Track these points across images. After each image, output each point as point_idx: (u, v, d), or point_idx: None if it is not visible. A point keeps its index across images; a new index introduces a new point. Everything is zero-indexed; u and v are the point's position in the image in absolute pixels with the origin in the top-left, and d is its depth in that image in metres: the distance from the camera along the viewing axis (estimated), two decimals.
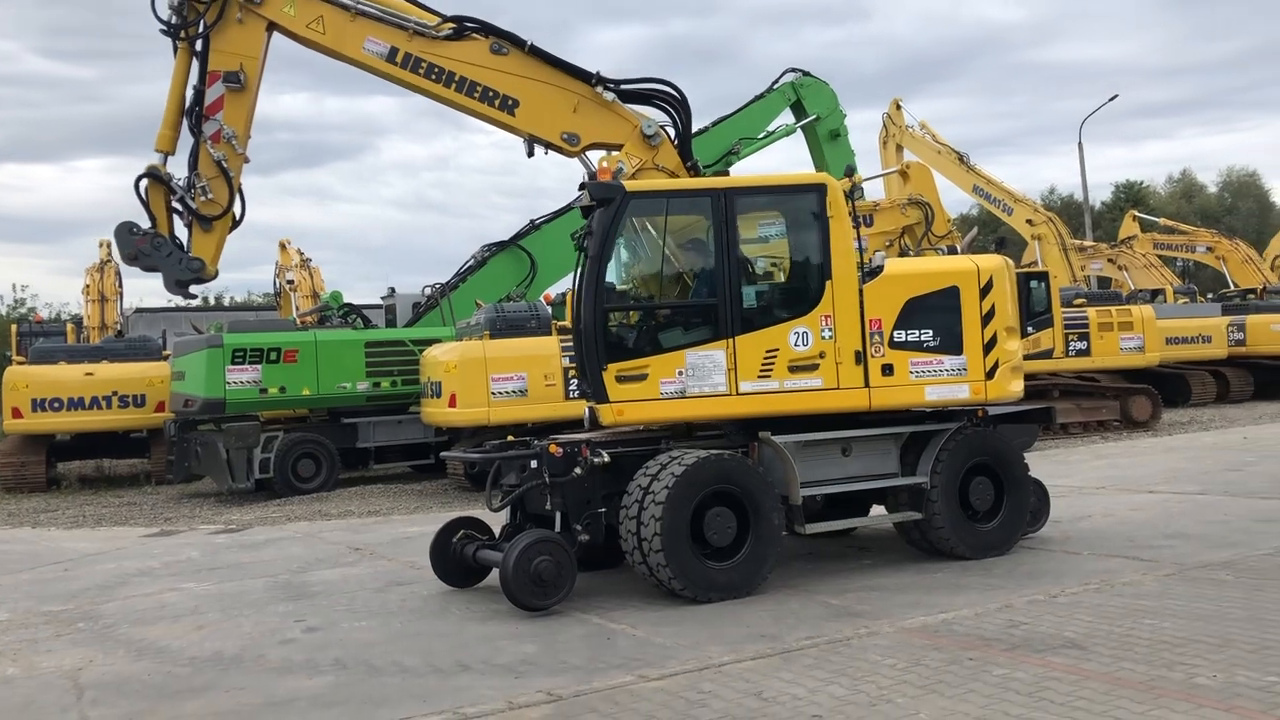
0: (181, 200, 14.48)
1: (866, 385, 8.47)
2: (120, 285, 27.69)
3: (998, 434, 9.26)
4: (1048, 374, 21.03)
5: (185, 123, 14.85)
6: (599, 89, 13.30)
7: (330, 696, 6.00)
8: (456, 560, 8.64)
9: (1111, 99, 42.72)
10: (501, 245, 18.71)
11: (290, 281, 23.71)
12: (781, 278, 9.03)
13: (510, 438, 8.95)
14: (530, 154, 15.59)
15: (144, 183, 14.97)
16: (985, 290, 8.77)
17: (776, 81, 21.34)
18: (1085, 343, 21.03)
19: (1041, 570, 8.25)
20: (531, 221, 19.00)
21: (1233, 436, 18.37)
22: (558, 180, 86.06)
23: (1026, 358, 19.95)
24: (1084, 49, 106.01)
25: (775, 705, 5.31)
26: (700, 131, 19.73)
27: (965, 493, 8.84)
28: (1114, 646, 5.98)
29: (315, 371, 16.42)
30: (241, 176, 15.02)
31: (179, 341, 18.26)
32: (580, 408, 9.10)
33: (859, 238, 8.66)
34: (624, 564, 8.24)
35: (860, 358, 8.44)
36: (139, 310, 28.25)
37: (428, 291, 18.56)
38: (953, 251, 16.34)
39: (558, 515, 8.05)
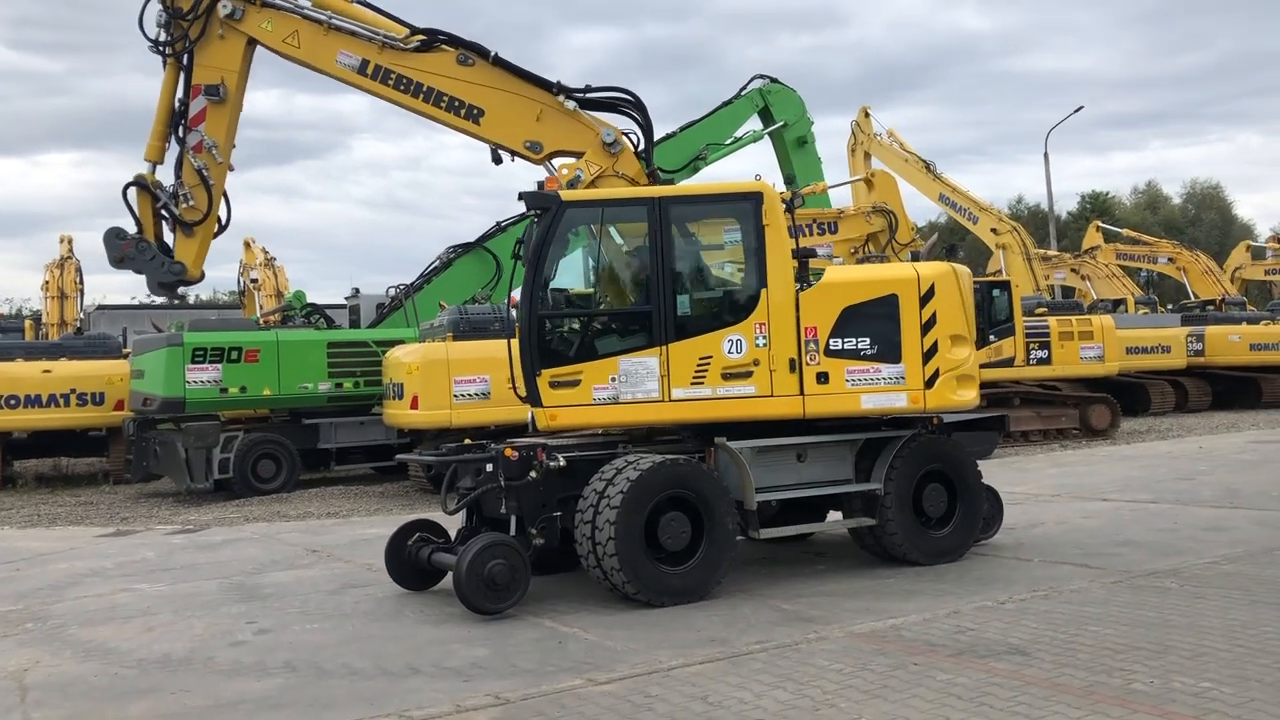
0: (165, 207, 15.20)
1: (801, 393, 8.47)
2: (81, 282, 27.39)
3: (951, 441, 9.34)
4: (1010, 381, 21.26)
5: (173, 133, 15.22)
6: (561, 97, 13.45)
7: (277, 699, 5.98)
8: (412, 563, 8.62)
9: (1076, 110, 43.44)
10: (467, 247, 18.69)
11: (254, 280, 23.57)
12: (717, 285, 9.08)
13: (468, 440, 8.96)
14: (497, 161, 15.65)
15: (131, 190, 15.65)
16: (926, 298, 8.68)
17: (745, 88, 21.50)
18: (1046, 351, 21.30)
19: (992, 577, 8.34)
20: (498, 223, 19.01)
21: (1188, 445, 18.63)
22: (528, 182, 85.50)
23: (988, 366, 20.27)
24: (1054, 59, 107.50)
25: (720, 709, 5.35)
26: (668, 137, 19.86)
27: (919, 499, 8.91)
28: (1057, 652, 6.06)
29: (276, 371, 16.32)
30: (225, 184, 15.31)
31: (139, 340, 18.09)
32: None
33: (798, 246, 8.68)
34: (581, 567, 8.25)
35: (795, 365, 8.44)
36: (100, 307, 27.94)
37: (392, 292, 18.51)
38: (916, 257, 16.49)
39: (513, 519, 8.06)
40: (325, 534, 12.44)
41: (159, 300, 19.04)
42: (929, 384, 8.62)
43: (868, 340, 8.57)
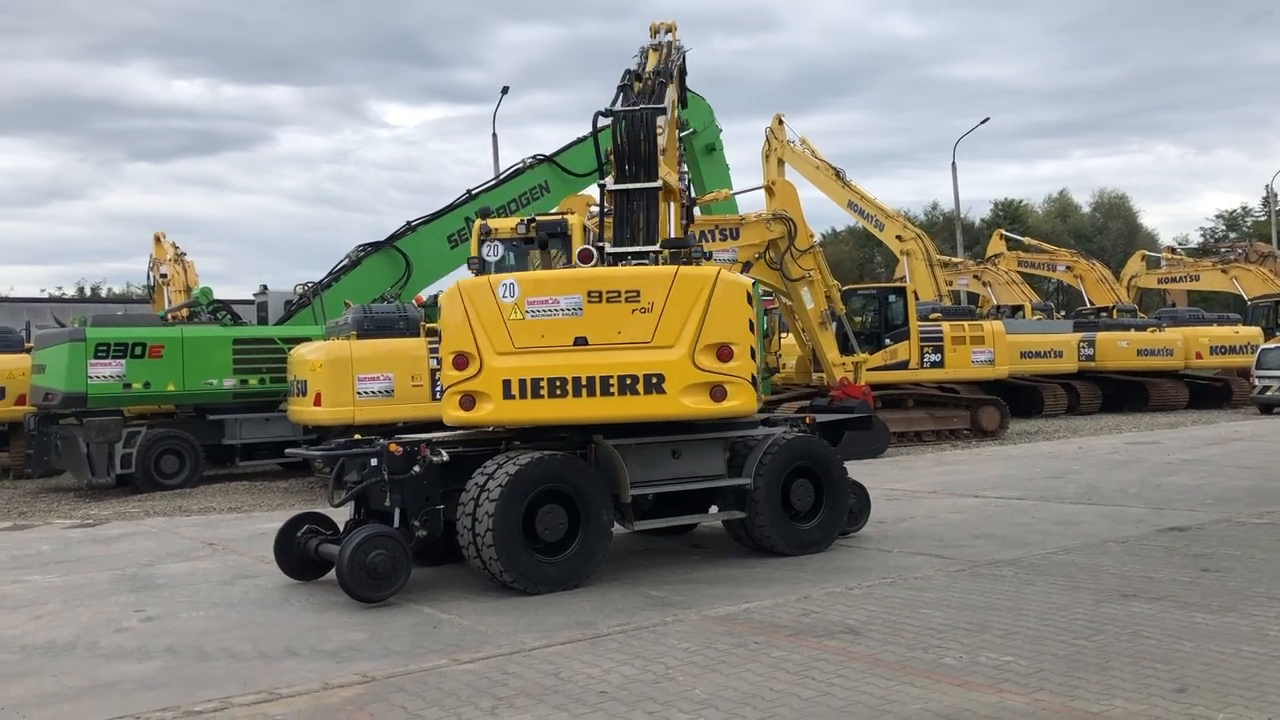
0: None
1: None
2: None
3: (818, 439, 9.93)
4: (909, 384, 22.09)
5: None
6: None
7: (156, 679, 6.28)
8: (300, 554, 8.95)
9: (983, 121, 44.91)
10: (376, 246, 18.90)
11: (164, 275, 23.39)
12: None
13: (357, 436, 9.31)
14: None
15: None
16: (432, 316, 9.09)
17: None
18: (939, 355, 22.16)
19: (849, 566, 8.92)
20: (408, 223, 19.24)
21: (1069, 446, 19.58)
22: (459, 178, 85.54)
23: (885, 368, 21.05)
24: (984, 68, 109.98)
25: (569, 684, 5.80)
26: (579, 141, 20.33)
27: (787, 494, 9.48)
28: (885, 632, 6.63)
29: (181, 367, 16.42)
30: None
31: (41, 334, 18.03)
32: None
33: (480, 266, 9.38)
34: (464, 559, 8.63)
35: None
36: (1, 300, 27.43)
37: (300, 290, 18.65)
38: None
39: (396, 511, 8.43)
40: (224, 528, 12.64)
41: (67, 294, 19.00)
42: (437, 398, 8.92)
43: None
